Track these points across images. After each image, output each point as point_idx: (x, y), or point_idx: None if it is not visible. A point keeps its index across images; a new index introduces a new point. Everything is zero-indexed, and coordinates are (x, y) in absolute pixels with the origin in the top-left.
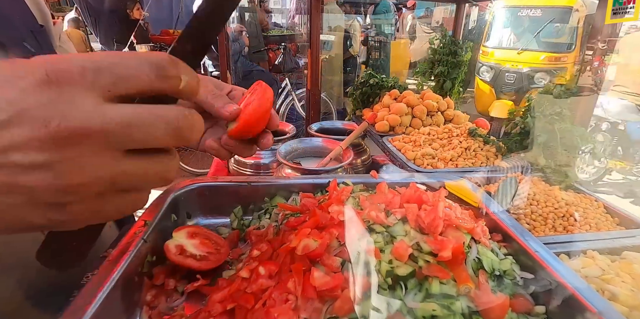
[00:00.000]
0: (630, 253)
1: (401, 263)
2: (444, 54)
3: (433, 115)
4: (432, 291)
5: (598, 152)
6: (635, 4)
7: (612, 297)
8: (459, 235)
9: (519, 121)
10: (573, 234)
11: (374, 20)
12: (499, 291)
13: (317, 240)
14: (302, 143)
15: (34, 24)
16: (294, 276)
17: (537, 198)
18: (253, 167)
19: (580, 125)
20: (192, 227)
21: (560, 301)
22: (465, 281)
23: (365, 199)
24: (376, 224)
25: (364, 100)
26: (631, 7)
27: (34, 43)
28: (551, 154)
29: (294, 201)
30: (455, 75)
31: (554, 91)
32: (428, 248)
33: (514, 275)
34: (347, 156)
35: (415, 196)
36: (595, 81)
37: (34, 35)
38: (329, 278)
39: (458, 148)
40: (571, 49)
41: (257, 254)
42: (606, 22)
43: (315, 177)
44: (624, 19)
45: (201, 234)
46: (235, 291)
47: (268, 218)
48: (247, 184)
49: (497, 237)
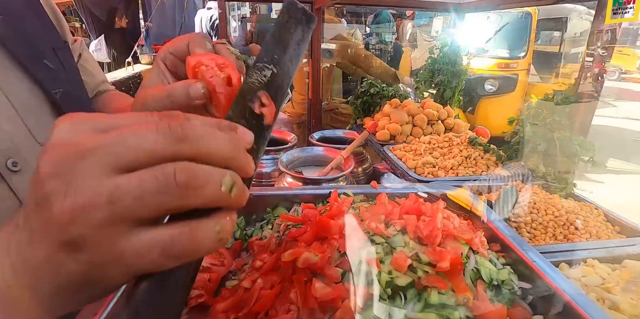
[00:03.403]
0: (630, 261)
1: (400, 274)
2: (444, 63)
3: (433, 124)
4: (431, 301)
5: (598, 161)
6: (635, 4)
7: (613, 306)
8: (458, 246)
9: (518, 130)
10: (573, 243)
11: (374, 29)
12: (497, 301)
13: (318, 254)
14: (304, 152)
15: (57, 41)
16: (295, 287)
17: (537, 206)
18: (255, 176)
19: (581, 132)
20: None
21: (558, 311)
22: (463, 291)
23: (365, 210)
24: (376, 235)
25: (364, 109)
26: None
27: (55, 60)
28: (551, 161)
29: (296, 211)
30: (456, 84)
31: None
32: (427, 259)
33: (512, 285)
34: (349, 164)
35: (414, 207)
36: (596, 87)
37: (55, 53)
38: (329, 289)
39: (458, 157)
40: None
41: (259, 265)
42: (606, 22)
43: (316, 188)
44: (624, 19)
45: None
46: (238, 302)
47: (270, 229)
48: (249, 195)
49: (495, 247)
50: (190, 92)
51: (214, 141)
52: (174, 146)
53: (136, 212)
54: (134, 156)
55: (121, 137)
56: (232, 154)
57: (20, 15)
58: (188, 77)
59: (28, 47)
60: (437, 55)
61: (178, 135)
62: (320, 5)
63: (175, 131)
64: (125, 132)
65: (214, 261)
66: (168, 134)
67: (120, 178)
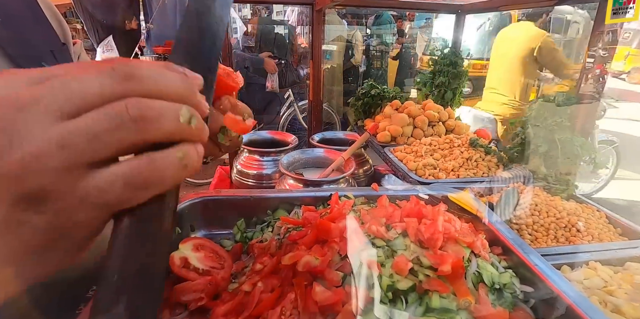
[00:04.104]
0: (633, 263)
1: (401, 277)
2: (445, 64)
3: (434, 125)
4: (433, 305)
5: (600, 162)
6: (635, 4)
7: (615, 309)
8: (459, 249)
9: (520, 131)
10: (575, 245)
11: (374, 31)
12: (498, 304)
13: (318, 258)
14: (304, 154)
15: (55, 43)
16: (295, 290)
17: (538, 208)
18: (255, 178)
19: (583, 133)
20: (199, 240)
21: (560, 314)
22: (465, 294)
23: (366, 213)
24: (377, 239)
25: (365, 110)
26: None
27: (53, 62)
28: (553, 163)
29: (296, 214)
30: (456, 86)
31: (556, 99)
32: (428, 262)
33: (514, 288)
34: (349, 166)
35: (415, 210)
36: (597, 88)
37: (53, 55)
38: (330, 293)
39: (459, 158)
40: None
41: (259, 268)
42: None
43: (317, 191)
44: (624, 19)
45: (207, 247)
46: (238, 305)
47: (271, 231)
48: (250, 197)
49: (497, 251)
50: None
51: (163, 79)
52: (121, 85)
53: (93, 153)
54: (80, 100)
55: (63, 83)
56: (185, 92)
57: (19, 18)
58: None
59: (26, 50)
60: (437, 56)
61: (125, 74)
62: (321, 6)
63: (121, 71)
64: (66, 78)
65: (214, 264)
66: (113, 74)
67: (69, 122)
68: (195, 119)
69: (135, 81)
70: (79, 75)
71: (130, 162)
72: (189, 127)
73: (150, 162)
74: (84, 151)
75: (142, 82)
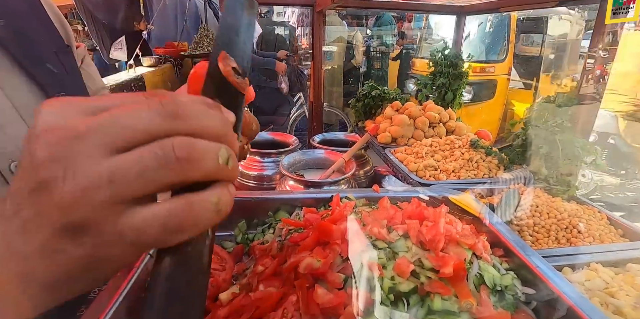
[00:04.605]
0: (634, 265)
1: (403, 279)
2: (445, 65)
3: (435, 126)
4: (434, 308)
5: (601, 164)
6: (635, 4)
7: (616, 310)
8: (461, 251)
9: (520, 132)
10: (576, 247)
11: (375, 32)
12: (500, 306)
13: (320, 260)
14: (305, 155)
15: (59, 44)
16: (297, 293)
17: (539, 210)
18: (256, 179)
19: (582, 134)
20: None
21: (561, 316)
22: (466, 297)
23: (367, 215)
24: (378, 241)
25: (366, 111)
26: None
27: (57, 64)
28: (554, 164)
29: (297, 215)
30: (457, 87)
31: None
32: (430, 264)
33: (516, 290)
34: (350, 167)
35: (416, 212)
36: (598, 89)
37: (57, 56)
38: (332, 296)
39: (460, 159)
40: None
41: (261, 270)
42: (606, 21)
43: (318, 192)
44: (625, 19)
45: None
46: (239, 307)
47: (272, 233)
48: (251, 199)
49: (498, 252)
50: None
51: (206, 118)
52: (168, 123)
53: (137, 189)
54: (130, 135)
55: (115, 118)
56: (223, 131)
57: (23, 19)
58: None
59: (30, 50)
60: (438, 57)
61: (172, 112)
62: (321, 7)
63: (169, 109)
64: (118, 113)
65: (216, 266)
66: (162, 111)
67: (119, 157)
68: (231, 159)
69: (181, 119)
70: (130, 110)
71: (168, 205)
72: (225, 167)
73: (187, 206)
74: (130, 187)
75: (187, 122)
